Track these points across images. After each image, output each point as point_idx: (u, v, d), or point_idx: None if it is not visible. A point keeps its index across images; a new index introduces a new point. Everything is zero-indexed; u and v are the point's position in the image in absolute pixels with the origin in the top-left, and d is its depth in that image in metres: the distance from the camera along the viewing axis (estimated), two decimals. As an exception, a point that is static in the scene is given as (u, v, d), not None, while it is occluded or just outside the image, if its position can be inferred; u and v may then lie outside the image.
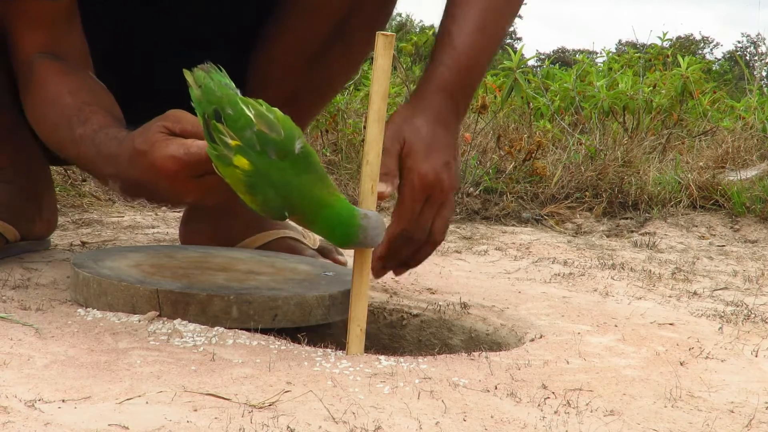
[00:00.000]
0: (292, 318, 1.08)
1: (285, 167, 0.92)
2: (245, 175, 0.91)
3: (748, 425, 0.86)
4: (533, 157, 2.60)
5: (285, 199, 0.93)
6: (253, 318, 1.06)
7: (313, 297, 1.10)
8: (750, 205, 2.41)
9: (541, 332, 1.17)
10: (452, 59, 1.15)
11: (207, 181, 0.97)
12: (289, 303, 1.08)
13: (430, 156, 1.11)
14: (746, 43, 26.21)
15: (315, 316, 1.10)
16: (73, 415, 0.76)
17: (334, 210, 0.94)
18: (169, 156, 0.96)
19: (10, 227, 1.42)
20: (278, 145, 0.92)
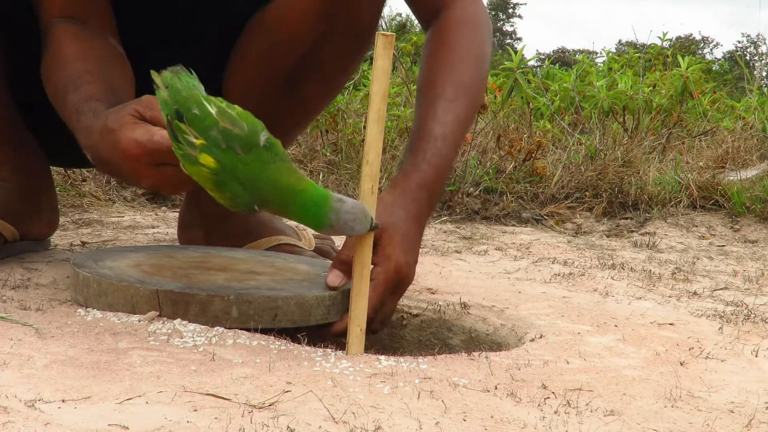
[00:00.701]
0: (293, 318, 1.08)
1: (251, 161, 0.93)
2: (212, 173, 0.93)
3: (748, 425, 0.86)
4: (533, 157, 2.60)
5: (254, 192, 0.94)
6: (253, 318, 1.06)
7: (313, 297, 1.09)
8: (750, 205, 2.41)
9: (541, 332, 1.17)
10: (436, 158, 1.19)
11: (165, 171, 1.00)
12: (289, 303, 1.08)
13: (408, 250, 1.14)
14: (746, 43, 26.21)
15: (315, 316, 1.10)
16: (73, 415, 0.76)
17: (308, 194, 0.95)
18: (133, 139, 0.99)
19: (9, 226, 1.42)
20: (243, 140, 0.93)
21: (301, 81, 1.40)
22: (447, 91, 1.23)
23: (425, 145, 1.20)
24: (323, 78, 1.42)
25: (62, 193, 2.18)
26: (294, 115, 1.47)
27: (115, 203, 2.25)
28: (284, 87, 1.40)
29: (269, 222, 1.52)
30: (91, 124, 1.07)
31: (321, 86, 1.44)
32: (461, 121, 1.24)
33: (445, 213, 2.34)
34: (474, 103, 1.27)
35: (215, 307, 1.05)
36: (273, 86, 1.39)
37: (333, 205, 0.97)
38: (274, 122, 1.44)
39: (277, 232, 1.50)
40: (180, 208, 1.62)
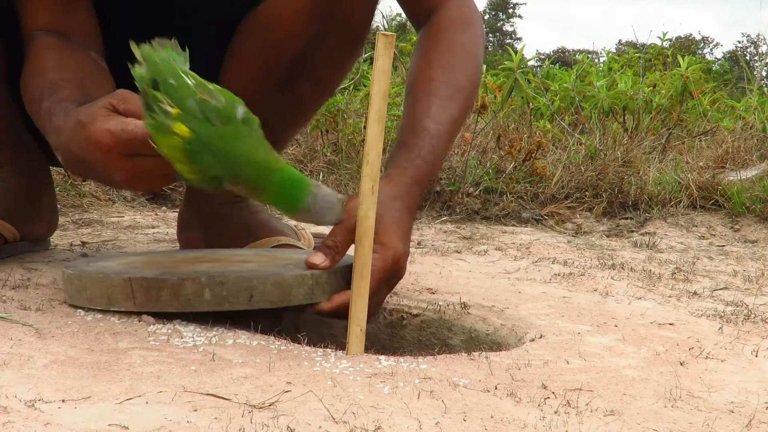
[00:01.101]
0: (271, 298, 1.05)
1: (228, 134, 0.92)
2: (185, 143, 0.91)
3: (748, 425, 0.86)
4: (533, 157, 2.60)
5: (228, 166, 0.92)
6: (228, 300, 1.03)
7: (293, 276, 1.06)
8: (750, 205, 2.41)
9: (541, 332, 1.17)
10: (431, 156, 1.20)
11: (138, 162, 0.99)
12: (266, 282, 1.04)
13: (404, 240, 1.14)
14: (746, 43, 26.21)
15: (297, 296, 1.06)
16: (73, 415, 0.76)
17: (285, 173, 0.94)
18: (106, 129, 0.98)
19: (9, 226, 1.42)
20: (220, 112, 0.92)
21: (296, 81, 1.40)
22: (442, 90, 1.24)
23: (421, 141, 1.20)
24: (318, 78, 1.42)
25: (62, 193, 2.18)
26: (289, 115, 1.47)
27: (115, 203, 2.25)
28: (279, 87, 1.40)
29: (268, 222, 1.52)
30: (63, 123, 1.06)
31: (316, 86, 1.44)
32: (455, 121, 1.24)
33: (445, 213, 2.34)
34: (468, 104, 1.28)
35: (187, 290, 1.03)
36: (268, 86, 1.39)
37: (311, 189, 0.96)
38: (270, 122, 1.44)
39: (277, 233, 1.49)
40: (179, 211, 1.62)
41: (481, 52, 1.32)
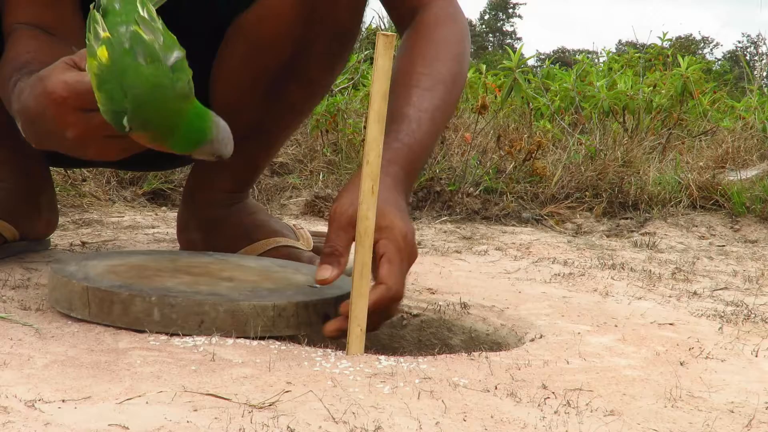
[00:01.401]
0: (223, 327, 1.01)
1: (146, 74, 0.89)
2: (99, 68, 0.89)
3: (748, 425, 0.86)
4: (533, 157, 2.60)
5: (136, 107, 0.89)
6: (177, 323, 1.00)
7: (249, 305, 1.01)
8: (750, 205, 2.41)
9: (541, 332, 1.17)
10: (409, 138, 1.17)
11: (92, 119, 0.95)
12: (218, 309, 1.00)
13: (404, 219, 1.09)
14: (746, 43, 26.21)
15: (254, 327, 1.01)
16: (73, 415, 0.76)
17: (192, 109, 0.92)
18: (61, 81, 0.95)
19: (9, 226, 1.42)
20: (149, 50, 0.89)
21: (286, 85, 1.40)
22: (423, 81, 1.22)
23: (398, 126, 1.17)
24: (308, 81, 1.42)
25: (62, 193, 2.18)
26: (281, 119, 1.47)
27: (115, 203, 2.25)
28: (269, 92, 1.40)
29: (266, 223, 1.52)
30: (24, 84, 1.02)
31: (306, 89, 1.44)
32: (437, 109, 1.21)
33: (445, 213, 2.34)
34: (450, 95, 1.25)
35: (136, 308, 1.00)
36: (258, 91, 1.39)
37: (213, 118, 0.94)
38: (263, 127, 1.45)
39: (275, 234, 1.49)
40: (178, 212, 1.61)
41: (465, 47, 1.30)
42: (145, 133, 0.92)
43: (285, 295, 1.06)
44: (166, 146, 0.94)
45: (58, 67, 0.98)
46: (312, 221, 2.20)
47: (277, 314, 1.03)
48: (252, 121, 1.42)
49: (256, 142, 1.46)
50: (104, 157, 1.01)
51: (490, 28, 41.18)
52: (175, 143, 0.93)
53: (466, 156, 2.59)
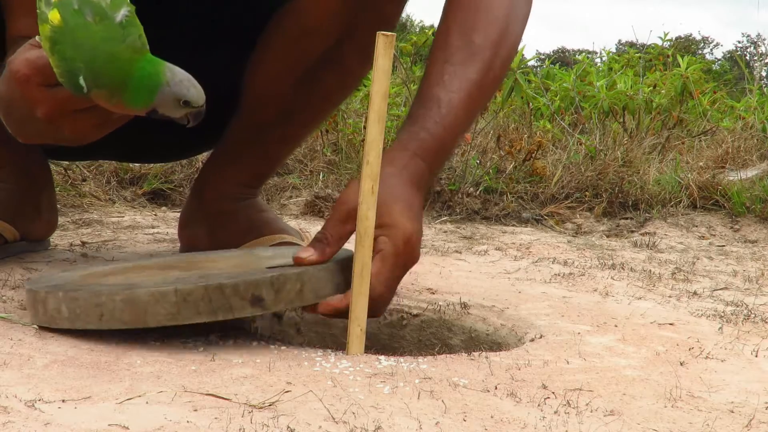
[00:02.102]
0: (122, 317, 0.95)
1: (97, 32, 0.90)
2: (51, 31, 0.90)
3: (748, 425, 0.86)
4: (533, 157, 2.60)
5: (88, 64, 0.90)
6: (80, 317, 0.96)
7: (147, 293, 0.94)
8: (750, 205, 2.41)
9: (541, 332, 1.17)
10: (438, 128, 1.11)
11: (58, 92, 0.95)
12: (114, 300, 0.95)
13: (412, 219, 1.05)
14: (746, 43, 26.22)
15: (155, 316, 0.95)
16: (73, 415, 0.76)
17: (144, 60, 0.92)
18: (24, 59, 0.96)
19: (9, 227, 1.42)
20: (97, 8, 0.91)
21: (321, 74, 1.40)
22: (457, 55, 1.14)
23: (427, 112, 1.11)
24: (344, 71, 1.42)
25: (62, 193, 2.18)
26: (311, 108, 1.47)
27: (115, 203, 2.25)
28: (305, 79, 1.40)
29: (273, 221, 1.53)
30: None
31: (341, 79, 1.44)
32: (472, 87, 1.13)
33: (445, 213, 2.34)
34: (491, 68, 1.16)
35: (50, 305, 0.99)
36: (294, 78, 1.39)
37: (167, 64, 0.94)
38: (291, 117, 1.45)
39: (280, 231, 1.50)
40: (182, 207, 1.62)
41: (513, 9, 1.21)
42: (100, 91, 0.93)
43: (195, 279, 0.99)
44: (124, 102, 0.93)
45: (23, 48, 0.98)
46: (312, 221, 2.20)
47: (181, 300, 0.94)
48: (282, 108, 1.42)
49: (280, 133, 1.46)
50: (82, 135, 1.00)
51: (490, 28, 41.10)
52: (132, 96, 0.93)
53: (466, 156, 2.59)
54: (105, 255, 1.53)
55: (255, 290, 0.97)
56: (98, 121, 0.98)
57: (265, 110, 1.43)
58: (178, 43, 1.39)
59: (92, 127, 1.00)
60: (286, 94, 1.41)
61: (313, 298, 1.01)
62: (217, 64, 1.44)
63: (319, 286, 1.01)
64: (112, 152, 1.73)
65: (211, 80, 1.47)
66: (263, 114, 1.43)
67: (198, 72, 1.25)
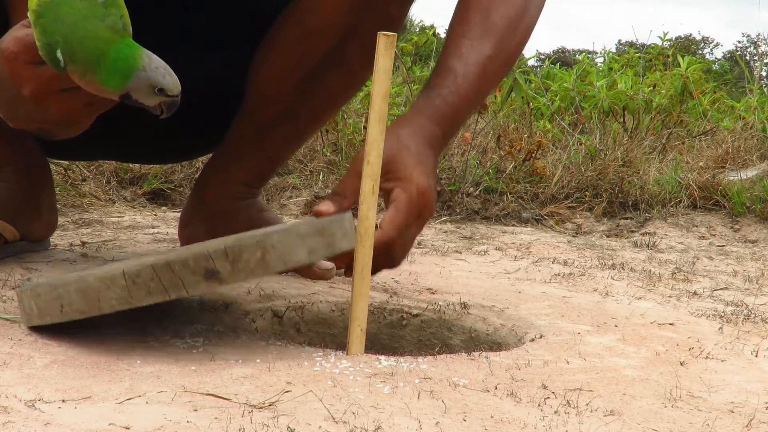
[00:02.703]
0: (79, 307, 0.92)
1: (80, 9, 0.91)
2: (37, 5, 0.91)
3: (748, 425, 0.86)
4: (533, 157, 2.60)
5: (66, 39, 0.91)
6: (45, 311, 0.95)
7: (96, 279, 0.92)
8: (750, 205, 2.41)
9: (541, 332, 1.17)
10: (452, 95, 1.15)
11: (44, 71, 0.95)
12: (69, 290, 0.93)
13: (427, 174, 1.08)
14: (746, 43, 26.21)
15: (108, 301, 0.91)
16: (73, 415, 0.76)
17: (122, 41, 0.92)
18: (13, 37, 0.97)
19: (9, 227, 1.42)
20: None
21: (324, 74, 1.40)
22: (474, 30, 1.17)
23: (442, 81, 1.15)
24: (347, 72, 1.42)
25: (62, 193, 2.18)
26: (314, 108, 1.47)
27: (115, 203, 2.25)
28: (308, 79, 1.40)
29: (274, 221, 1.53)
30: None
31: (345, 78, 1.44)
32: (490, 60, 1.17)
33: (445, 213, 2.34)
34: (506, 45, 1.20)
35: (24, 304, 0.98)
36: (297, 78, 1.40)
37: (144, 49, 0.93)
38: (294, 116, 1.45)
39: None
40: (183, 207, 1.62)
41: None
42: (74, 66, 0.93)
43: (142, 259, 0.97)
44: (97, 81, 0.93)
45: (14, 27, 0.99)
46: (312, 221, 2.19)
47: (130, 282, 0.90)
48: (286, 108, 1.42)
49: (283, 133, 1.47)
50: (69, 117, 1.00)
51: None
52: (106, 76, 0.93)
53: (466, 156, 2.59)
54: (105, 255, 1.53)
55: (207, 263, 0.91)
56: (85, 101, 0.99)
57: (268, 110, 1.43)
58: (181, 44, 1.39)
59: (79, 108, 1.00)
60: (289, 94, 1.42)
61: (281, 266, 0.94)
62: (221, 66, 1.44)
63: (287, 251, 0.94)
64: (113, 153, 1.73)
65: (214, 81, 1.48)
66: (266, 114, 1.43)
67: (201, 73, 1.26)
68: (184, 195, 2.32)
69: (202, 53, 1.40)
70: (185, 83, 0.98)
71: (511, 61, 1.25)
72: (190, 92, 1.41)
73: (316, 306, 1.26)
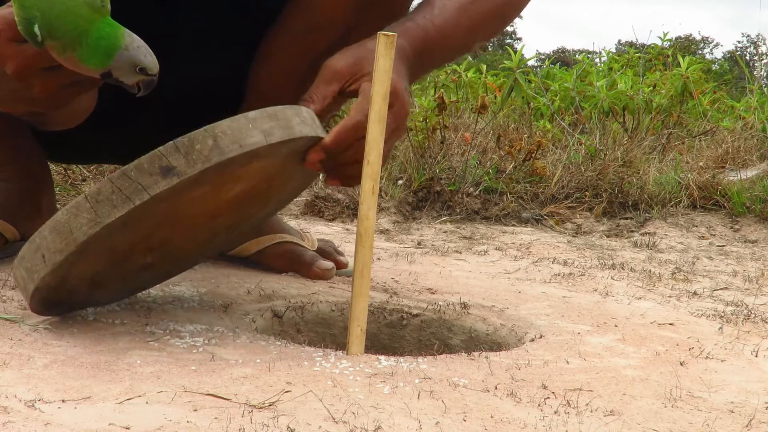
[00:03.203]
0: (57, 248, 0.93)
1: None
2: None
3: (748, 425, 0.86)
4: (533, 157, 2.60)
5: (44, 14, 0.91)
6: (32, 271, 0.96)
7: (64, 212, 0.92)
8: (750, 205, 2.41)
9: (541, 332, 1.17)
10: (424, 21, 1.16)
11: (27, 49, 0.95)
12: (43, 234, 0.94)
13: (398, 73, 1.08)
14: (746, 43, 26.21)
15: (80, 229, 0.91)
16: (73, 415, 0.76)
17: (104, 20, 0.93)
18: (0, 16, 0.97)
19: (9, 226, 1.42)
20: None
21: None
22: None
23: (417, 11, 1.16)
24: None
25: (62, 193, 2.18)
26: None
27: (115, 203, 2.25)
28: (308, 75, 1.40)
29: (275, 222, 1.53)
30: None
31: None
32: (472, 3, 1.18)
33: (445, 213, 2.34)
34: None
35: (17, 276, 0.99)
36: (299, 74, 1.39)
37: (125, 29, 0.94)
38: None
39: (281, 231, 1.50)
40: None
41: None
42: (53, 42, 0.93)
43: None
44: (77, 58, 0.93)
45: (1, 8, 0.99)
46: (312, 221, 2.20)
47: (93, 202, 0.91)
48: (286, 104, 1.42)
49: None
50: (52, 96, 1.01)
51: (490, 28, 41.15)
52: (87, 54, 0.93)
53: (466, 156, 2.59)
54: (105, 255, 1.53)
55: (160, 161, 0.91)
56: (68, 80, 0.99)
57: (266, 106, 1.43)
58: (181, 44, 1.39)
59: (62, 86, 1.00)
60: (290, 91, 1.41)
61: (237, 149, 0.93)
62: (221, 66, 1.44)
63: (241, 135, 0.93)
64: (114, 157, 1.73)
65: (215, 81, 1.47)
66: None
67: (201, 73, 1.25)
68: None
69: (201, 53, 1.40)
70: (185, 84, 0.98)
71: (500, 11, 1.25)
72: (190, 93, 1.42)
73: (316, 306, 1.26)
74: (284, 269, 1.43)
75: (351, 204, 2.27)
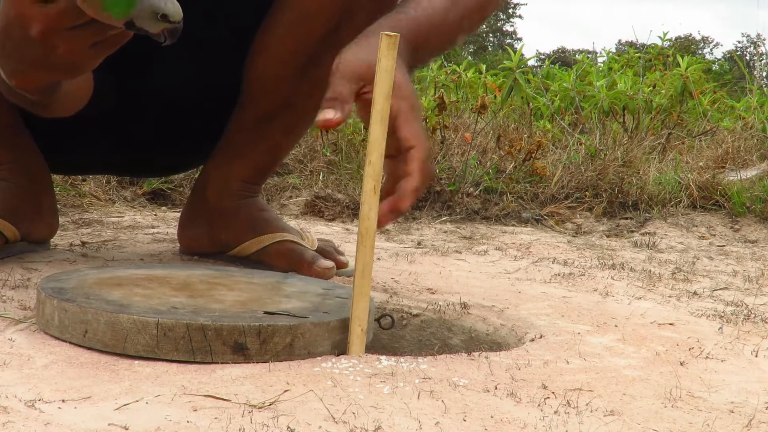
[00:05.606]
0: (103, 339, 0.94)
1: None
2: None
3: (748, 425, 0.86)
4: (533, 157, 2.60)
5: None
6: (68, 330, 0.96)
7: (130, 320, 0.93)
8: (750, 205, 2.41)
9: (541, 332, 1.17)
10: (410, 11, 1.16)
11: (51, 9, 0.96)
12: (99, 320, 0.94)
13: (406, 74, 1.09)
14: (746, 43, 26.21)
15: (134, 345, 0.93)
16: (73, 415, 0.76)
17: None
18: None
19: (9, 226, 1.42)
20: None
21: (322, 60, 1.40)
22: None
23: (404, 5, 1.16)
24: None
25: (62, 193, 2.18)
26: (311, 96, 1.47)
27: (115, 203, 2.25)
28: (306, 65, 1.40)
29: (275, 221, 1.53)
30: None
31: None
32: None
33: (445, 213, 2.34)
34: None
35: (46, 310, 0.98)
36: (295, 65, 1.40)
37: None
38: (291, 106, 1.45)
39: (281, 230, 1.50)
40: (183, 207, 1.62)
41: None
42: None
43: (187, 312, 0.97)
44: (101, 6, 0.93)
45: None
46: (312, 221, 2.20)
47: (162, 333, 0.92)
48: (283, 97, 1.42)
49: (282, 124, 1.47)
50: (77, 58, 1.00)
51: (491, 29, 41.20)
52: (111, 3, 0.93)
53: (466, 156, 2.59)
54: (105, 255, 1.53)
55: (239, 337, 0.93)
56: (93, 39, 0.99)
57: (267, 100, 1.43)
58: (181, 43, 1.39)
59: (86, 47, 1.00)
60: (288, 81, 1.41)
61: (305, 355, 0.97)
62: (221, 66, 1.44)
63: (313, 342, 0.97)
64: (113, 168, 1.74)
65: (216, 81, 1.47)
66: (265, 104, 1.44)
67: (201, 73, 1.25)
68: (184, 195, 2.32)
69: (201, 53, 1.40)
70: (186, 84, 0.98)
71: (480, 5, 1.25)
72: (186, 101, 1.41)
73: (316, 306, 1.26)
74: (284, 268, 1.43)
75: (351, 204, 2.27)
